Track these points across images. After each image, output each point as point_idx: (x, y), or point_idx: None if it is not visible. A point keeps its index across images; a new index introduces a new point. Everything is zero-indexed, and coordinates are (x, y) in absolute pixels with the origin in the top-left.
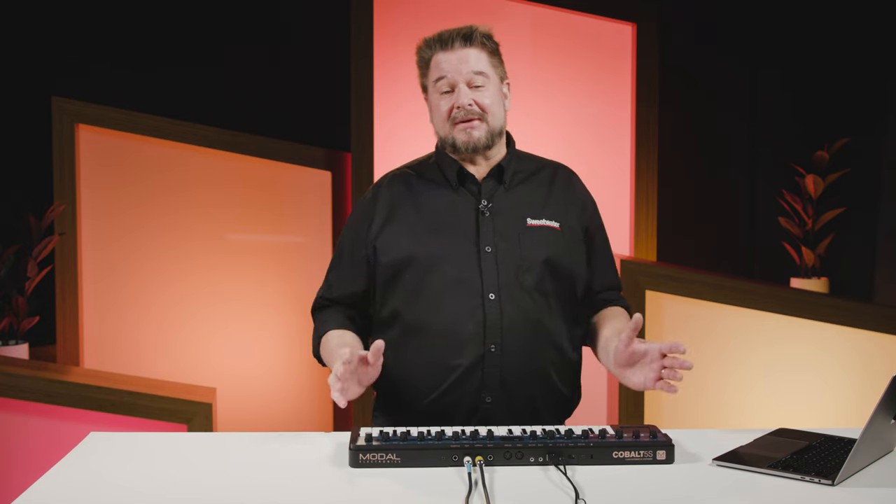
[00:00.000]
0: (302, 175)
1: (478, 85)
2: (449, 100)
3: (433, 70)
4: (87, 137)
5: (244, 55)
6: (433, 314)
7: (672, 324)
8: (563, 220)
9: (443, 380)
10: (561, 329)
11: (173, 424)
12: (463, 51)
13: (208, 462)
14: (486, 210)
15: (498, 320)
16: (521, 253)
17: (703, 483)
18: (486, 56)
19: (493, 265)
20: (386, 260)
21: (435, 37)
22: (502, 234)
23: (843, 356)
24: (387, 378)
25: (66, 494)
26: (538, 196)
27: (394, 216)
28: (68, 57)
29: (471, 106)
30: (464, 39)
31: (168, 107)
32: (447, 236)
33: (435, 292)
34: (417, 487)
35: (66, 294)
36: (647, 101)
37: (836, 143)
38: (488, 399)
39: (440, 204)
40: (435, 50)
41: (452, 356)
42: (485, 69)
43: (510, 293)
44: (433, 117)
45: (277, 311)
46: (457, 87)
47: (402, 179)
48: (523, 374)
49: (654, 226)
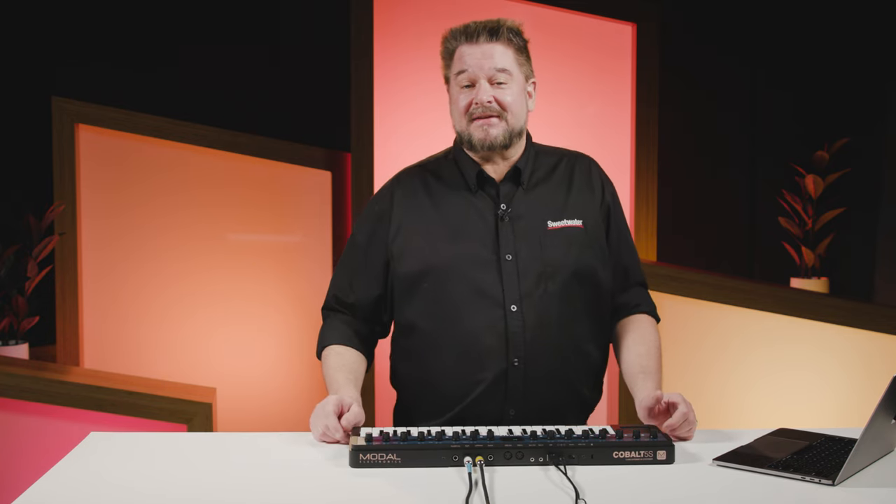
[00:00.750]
0: (302, 175)
1: (500, 82)
2: (469, 94)
3: (456, 62)
4: (87, 137)
5: (244, 55)
6: (454, 327)
7: (672, 324)
8: (586, 216)
9: (466, 394)
10: (587, 332)
11: (173, 424)
12: (488, 45)
13: (208, 462)
14: (504, 215)
15: (521, 333)
16: (542, 258)
17: (703, 483)
18: (511, 52)
19: (515, 274)
20: (403, 270)
21: (461, 28)
22: (523, 239)
23: (843, 356)
24: (409, 386)
25: (66, 494)
26: (558, 195)
27: (411, 220)
28: (68, 57)
29: (490, 103)
30: (490, 34)
31: (168, 107)
32: (466, 244)
33: (454, 304)
34: (417, 487)
35: (66, 294)
36: (647, 101)
37: (836, 143)
38: (512, 412)
39: (458, 208)
40: (460, 41)
41: (475, 370)
42: (509, 66)
43: (533, 303)
44: (452, 110)
45: (277, 311)
46: (478, 82)
47: (419, 178)
48: (548, 385)
49: (654, 226)
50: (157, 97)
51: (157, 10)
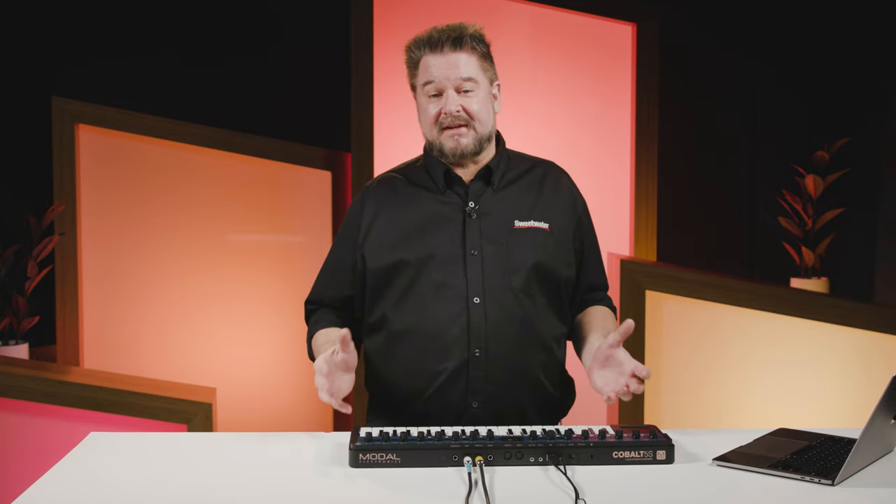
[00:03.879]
0: (302, 175)
1: (466, 90)
2: (437, 104)
3: (422, 72)
4: (87, 137)
5: (244, 55)
6: (418, 318)
7: (672, 324)
8: (552, 221)
9: (428, 384)
10: (549, 329)
11: (173, 424)
12: (452, 55)
13: (208, 462)
14: (472, 212)
15: (482, 324)
16: (508, 255)
17: (703, 483)
18: (475, 60)
19: (479, 268)
20: (374, 266)
21: (424, 37)
22: (489, 236)
23: (843, 356)
24: (377, 382)
25: (65, 494)
26: (527, 197)
27: (380, 222)
28: (68, 57)
29: (458, 112)
30: (453, 43)
31: (168, 107)
32: (433, 240)
33: (420, 297)
34: (417, 487)
35: (66, 294)
36: (647, 100)
37: (836, 143)
38: (475, 404)
39: (427, 207)
40: (424, 51)
41: (437, 361)
42: (474, 74)
43: (495, 296)
44: (421, 119)
45: (277, 311)
46: (444, 91)
47: (389, 184)
48: (509, 377)
49: (654, 226)
50: (157, 97)
51: (158, 10)
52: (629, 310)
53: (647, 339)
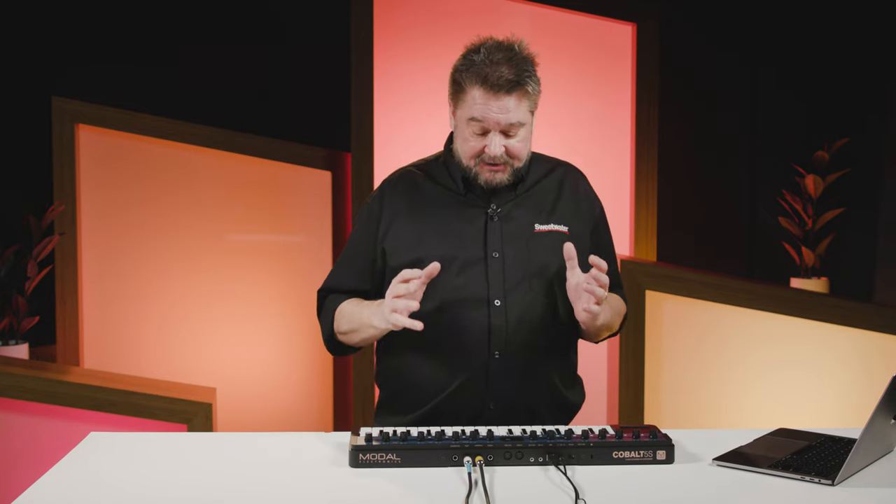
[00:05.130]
0: (302, 175)
1: (512, 133)
2: (480, 141)
3: (468, 105)
4: (87, 137)
5: (244, 55)
6: (439, 319)
7: (672, 324)
8: (572, 224)
9: (446, 385)
10: (566, 332)
11: (173, 424)
12: (506, 98)
13: (208, 462)
14: (494, 215)
15: (503, 327)
16: (529, 258)
17: (703, 483)
18: (527, 102)
19: (500, 271)
20: (394, 264)
21: (479, 69)
22: (510, 239)
23: (843, 356)
24: (391, 381)
25: (66, 494)
26: (547, 200)
27: (401, 219)
28: (68, 57)
29: (502, 154)
30: (510, 87)
31: (168, 107)
32: (455, 241)
33: (441, 297)
34: (417, 487)
35: (66, 294)
36: (647, 100)
37: (836, 143)
38: (492, 406)
39: (449, 208)
40: (475, 83)
41: (456, 362)
42: (523, 118)
43: (516, 299)
44: (458, 142)
45: (277, 311)
46: (490, 132)
47: (409, 179)
48: (527, 379)
49: (654, 226)
50: (157, 97)
51: (158, 10)
52: (629, 310)
53: (647, 339)
